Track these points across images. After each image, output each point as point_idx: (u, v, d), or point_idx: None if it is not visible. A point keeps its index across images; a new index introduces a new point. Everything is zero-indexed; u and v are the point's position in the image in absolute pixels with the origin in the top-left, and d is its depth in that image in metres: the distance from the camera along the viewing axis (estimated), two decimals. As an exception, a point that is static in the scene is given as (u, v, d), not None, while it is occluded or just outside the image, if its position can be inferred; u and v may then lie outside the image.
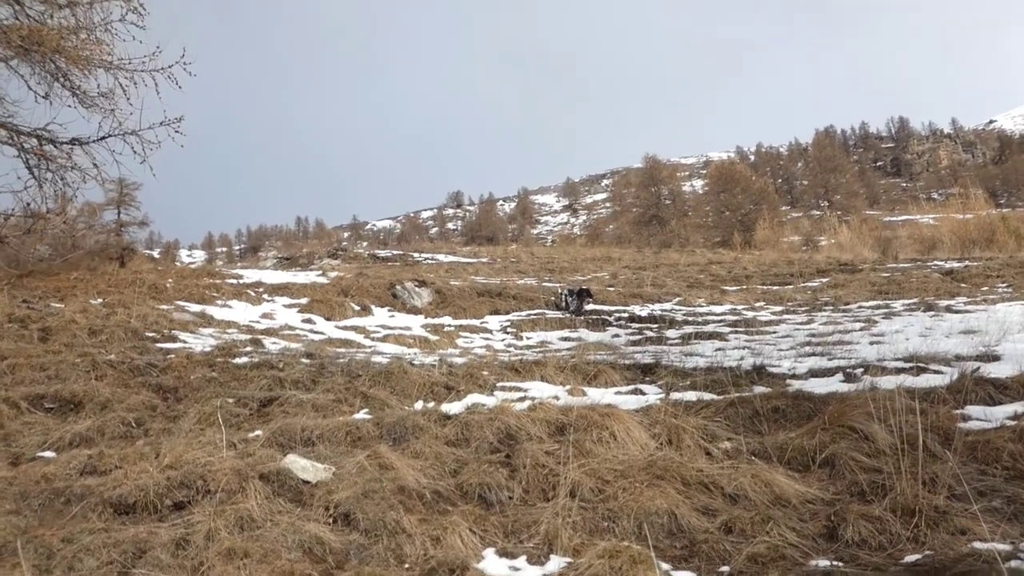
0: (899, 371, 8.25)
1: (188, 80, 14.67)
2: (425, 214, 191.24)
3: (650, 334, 14.68)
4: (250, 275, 19.82)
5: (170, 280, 17.35)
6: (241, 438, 6.39)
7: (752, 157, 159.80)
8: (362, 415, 7.22)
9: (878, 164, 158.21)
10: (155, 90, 14.47)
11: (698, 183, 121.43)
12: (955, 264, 22.90)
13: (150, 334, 11.82)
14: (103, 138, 14.89)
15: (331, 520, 4.93)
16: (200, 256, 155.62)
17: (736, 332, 14.14)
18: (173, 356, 10.01)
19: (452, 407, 7.10)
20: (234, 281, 18.30)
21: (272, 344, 12.28)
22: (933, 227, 49.57)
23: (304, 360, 9.81)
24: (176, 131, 14.79)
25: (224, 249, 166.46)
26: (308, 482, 5.35)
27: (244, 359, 9.84)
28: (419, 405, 7.77)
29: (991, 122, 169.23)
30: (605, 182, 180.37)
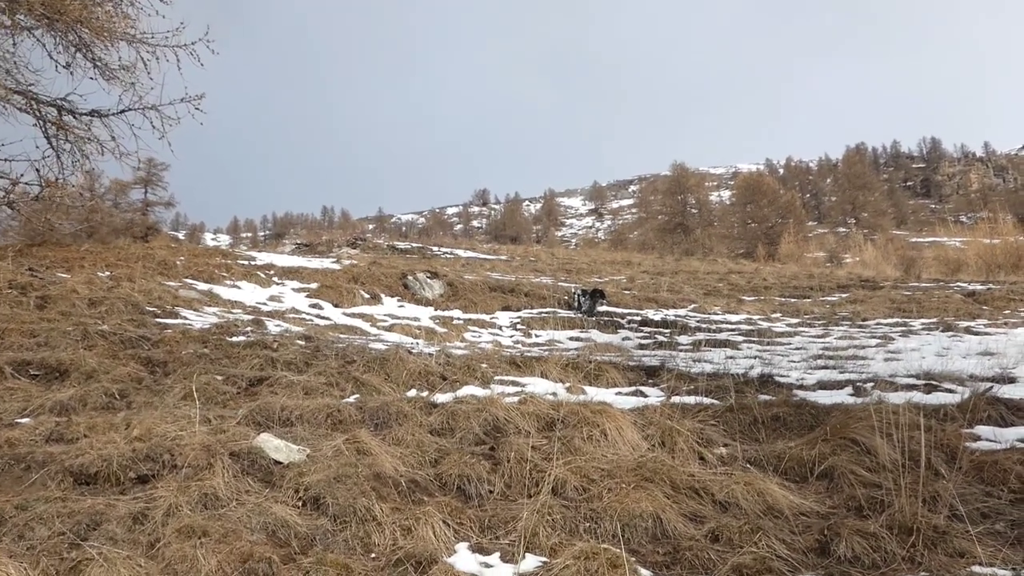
0: (910, 387, 8.01)
1: (221, 64, 14.59)
2: (450, 210, 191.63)
3: (661, 339, 14.42)
4: (263, 257, 19.74)
5: (181, 257, 17.26)
6: (217, 415, 6.19)
7: (781, 171, 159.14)
8: (351, 399, 7.04)
9: (908, 184, 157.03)
10: (177, 66, 14.39)
11: (726, 193, 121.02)
12: (978, 286, 22.49)
13: (151, 309, 11.69)
14: (123, 111, 14.83)
15: (300, 503, 4.74)
16: (225, 240, 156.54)
17: (749, 341, 13.88)
18: (169, 331, 9.85)
19: (444, 397, 6.89)
20: (245, 262, 18.20)
21: (275, 326, 12.12)
22: (959, 249, 49.13)
23: (299, 342, 9.62)
24: (196, 108, 14.69)
25: (249, 234, 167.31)
26: (280, 463, 5.15)
27: (240, 338, 9.67)
28: (412, 393, 7.57)
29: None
30: (632, 188, 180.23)
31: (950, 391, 7.65)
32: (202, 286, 15.06)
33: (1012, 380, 8.49)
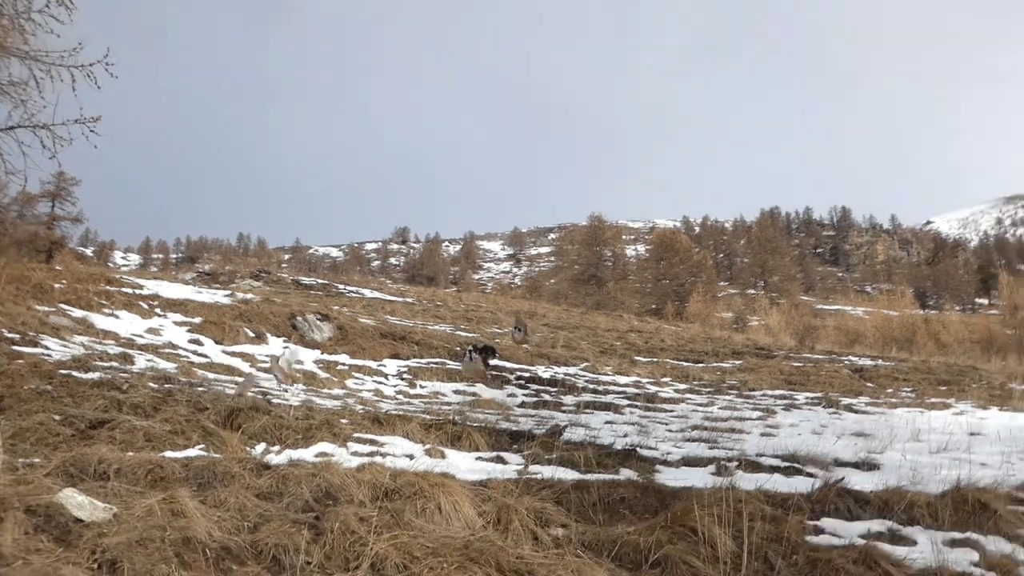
0: (774, 469, 8.01)
1: (137, 84, 14.30)
2: (369, 246, 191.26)
3: (547, 398, 14.36)
4: (150, 286, 19.11)
5: (63, 281, 16.60)
6: (27, 463, 5.82)
7: (697, 228, 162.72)
8: (196, 451, 6.76)
9: (818, 251, 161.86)
10: (71, 86, 14.02)
11: (643, 248, 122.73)
12: (867, 362, 23.00)
13: (11, 336, 11.15)
14: (11, 128, 14.39)
15: (95, 566, 4.41)
16: (135, 260, 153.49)
17: (633, 406, 13.87)
18: (21, 361, 9.37)
19: (279, 458, 6.63)
20: (130, 291, 17.59)
21: (145, 361, 11.70)
22: (859, 320, 50.56)
23: (152, 384, 9.21)
24: (91, 131, 14.33)
25: (161, 256, 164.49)
26: (82, 521, 4.81)
27: (92, 375, 9.24)
28: (260, 447, 7.31)
29: (928, 223, 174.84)
30: (552, 236, 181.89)
31: (811, 476, 7.64)
32: (77, 313, 14.49)
33: (876, 466, 8.55)
